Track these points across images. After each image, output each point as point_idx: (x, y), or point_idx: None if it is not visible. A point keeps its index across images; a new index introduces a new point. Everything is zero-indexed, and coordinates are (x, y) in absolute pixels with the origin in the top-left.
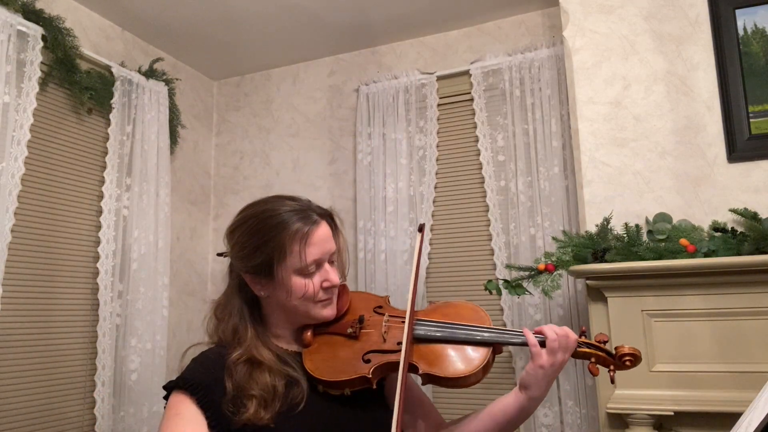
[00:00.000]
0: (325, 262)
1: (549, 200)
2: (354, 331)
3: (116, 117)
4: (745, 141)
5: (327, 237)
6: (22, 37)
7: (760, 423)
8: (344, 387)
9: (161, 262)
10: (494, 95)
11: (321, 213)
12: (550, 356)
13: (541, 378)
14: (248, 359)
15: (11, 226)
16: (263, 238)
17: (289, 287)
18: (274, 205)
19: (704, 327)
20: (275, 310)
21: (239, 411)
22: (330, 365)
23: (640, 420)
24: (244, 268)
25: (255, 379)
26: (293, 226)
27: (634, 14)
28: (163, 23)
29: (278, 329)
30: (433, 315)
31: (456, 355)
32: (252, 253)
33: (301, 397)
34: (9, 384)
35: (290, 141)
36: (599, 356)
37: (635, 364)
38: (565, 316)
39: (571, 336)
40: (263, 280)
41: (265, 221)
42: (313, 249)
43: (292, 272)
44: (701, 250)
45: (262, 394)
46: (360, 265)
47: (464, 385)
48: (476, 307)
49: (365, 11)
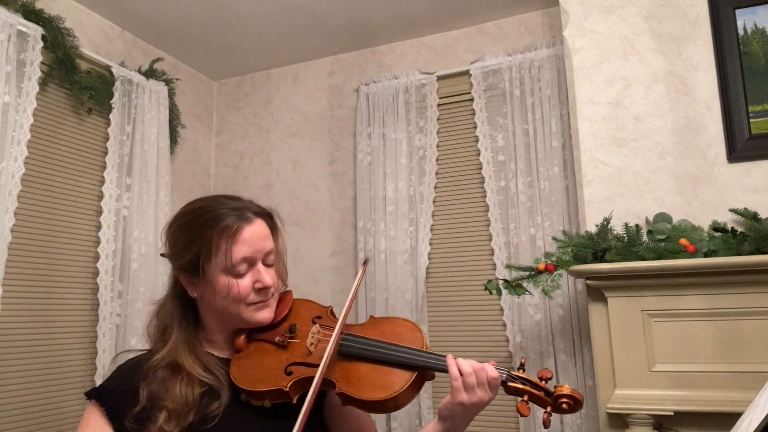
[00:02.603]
0: (258, 262)
1: (549, 200)
2: (282, 340)
3: (116, 117)
4: (745, 141)
5: (261, 236)
6: (22, 37)
7: (760, 423)
8: (264, 398)
9: (161, 263)
10: (494, 95)
11: (258, 212)
12: (469, 393)
13: (460, 414)
14: (168, 364)
15: (11, 226)
16: (193, 235)
17: (215, 287)
18: (210, 202)
19: (704, 327)
20: (209, 313)
21: (146, 424)
22: (252, 373)
23: (640, 420)
24: (177, 266)
25: (168, 389)
26: (223, 223)
27: (634, 14)
28: (163, 23)
29: (213, 334)
30: (369, 331)
31: (376, 378)
32: (182, 250)
33: (218, 408)
34: (9, 384)
35: (290, 141)
36: (534, 394)
37: (574, 410)
38: (565, 316)
39: (489, 372)
40: (195, 280)
41: (197, 218)
42: (241, 247)
43: (220, 271)
44: (701, 250)
45: (174, 406)
46: (360, 265)
47: (381, 410)
48: (415, 326)
49: (365, 11)
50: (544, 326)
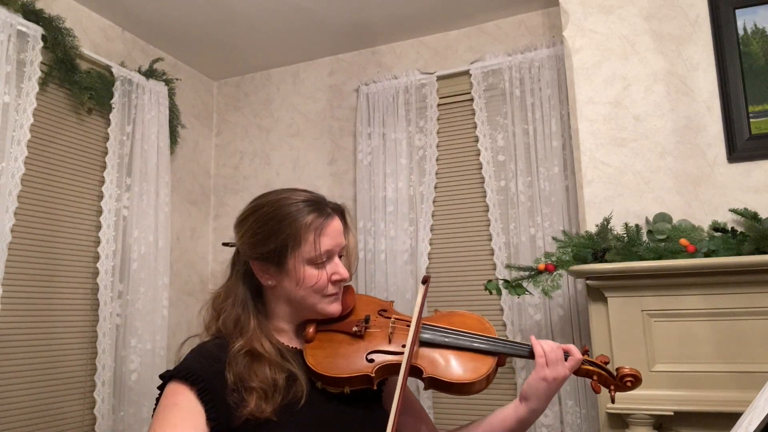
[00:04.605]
0: (335, 256)
1: (549, 200)
2: (359, 330)
3: (116, 117)
4: (745, 141)
5: (339, 231)
6: (22, 37)
7: (760, 423)
8: (344, 385)
9: (161, 263)
10: (494, 95)
11: (334, 207)
12: (551, 368)
13: (543, 390)
14: (249, 351)
15: (11, 226)
16: (278, 225)
17: (300, 276)
18: (290, 194)
19: (704, 327)
20: (280, 302)
21: (240, 405)
22: (332, 362)
23: (640, 420)
24: (254, 255)
25: (255, 372)
26: (309, 216)
27: (634, 14)
28: (163, 23)
29: (281, 323)
30: (440, 322)
31: (461, 362)
32: (265, 239)
33: (302, 393)
34: (9, 384)
35: (290, 141)
36: (602, 375)
37: (636, 386)
38: (565, 316)
39: (566, 347)
40: (272, 269)
41: (281, 209)
42: (326, 240)
43: (305, 261)
44: (701, 250)
45: (262, 386)
46: (360, 265)
47: (467, 392)
48: (482, 318)
49: (365, 11)
50: (544, 326)
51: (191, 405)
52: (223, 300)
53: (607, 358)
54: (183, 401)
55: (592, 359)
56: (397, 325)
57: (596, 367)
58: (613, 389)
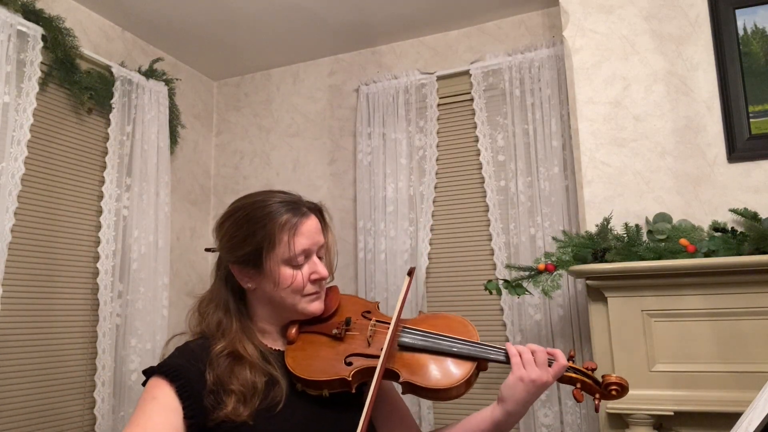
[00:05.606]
0: (313, 255)
1: (549, 200)
2: (339, 332)
3: (116, 117)
4: (745, 141)
5: (316, 229)
6: (22, 37)
7: (760, 423)
8: (323, 388)
9: (161, 262)
10: (494, 95)
11: (310, 206)
12: (528, 368)
13: (521, 392)
14: (231, 352)
15: (11, 226)
16: (252, 228)
17: (277, 277)
18: (264, 197)
19: (704, 327)
20: (262, 304)
21: (218, 406)
22: (311, 364)
23: (640, 420)
24: (232, 259)
25: (235, 374)
26: (283, 216)
27: (634, 14)
28: (163, 23)
29: (265, 324)
30: (422, 325)
31: (439, 367)
32: (241, 243)
33: (281, 397)
34: (9, 384)
35: (290, 141)
36: (585, 383)
37: (622, 395)
38: (565, 316)
39: (549, 351)
40: (251, 271)
41: (255, 211)
42: (301, 239)
43: (281, 262)
44: (701, 250)
45: (241, 389)
46: (360, 265)
47: (445, 397)
48: (466, 321)
49: (365, 11)
50: (544, 326)
51: (168, 400)
52: (207, 304)
53: (594, 365)
54: (161, 396)
55: (578, 366)
56: (378, 328)
57: (581, 374)
58: (598, 397)
